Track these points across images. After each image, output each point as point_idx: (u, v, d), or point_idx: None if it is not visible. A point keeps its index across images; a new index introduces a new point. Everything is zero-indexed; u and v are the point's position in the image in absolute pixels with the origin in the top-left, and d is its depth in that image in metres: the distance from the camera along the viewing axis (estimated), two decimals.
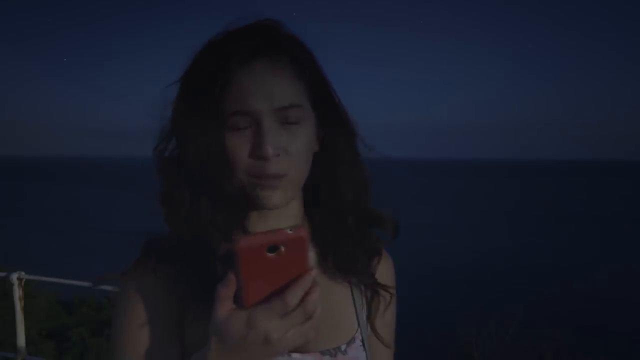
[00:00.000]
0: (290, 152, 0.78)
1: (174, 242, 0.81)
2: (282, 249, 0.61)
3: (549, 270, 27.58)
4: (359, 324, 0.90)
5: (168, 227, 0.82)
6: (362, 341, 0.89)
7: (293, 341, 0.64)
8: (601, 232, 40.32)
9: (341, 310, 0.89)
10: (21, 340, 3.36)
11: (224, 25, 0.82)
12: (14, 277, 3.26)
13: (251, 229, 0.84)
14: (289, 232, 0.60)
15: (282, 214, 0.86)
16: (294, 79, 0.80)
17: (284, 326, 0.62)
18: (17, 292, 3.28)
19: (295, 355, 0.83)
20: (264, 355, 0.64)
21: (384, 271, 0.96)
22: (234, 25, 0.81)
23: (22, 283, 3.31)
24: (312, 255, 0.86)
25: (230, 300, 0.63)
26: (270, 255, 0.61)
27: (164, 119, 0.84)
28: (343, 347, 0.86)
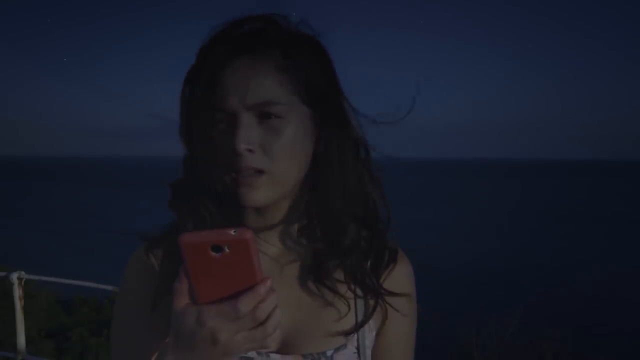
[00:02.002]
0: (268, 149, 0.77)
1: (171, 230, 0.85)
2: (226, 249, 0.60)
3: (549, 270, 27.59)
4: (357, 332, 0.87)
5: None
6: (357, 349, 0.87)
7: (241, 345, 0.65)
8: (601, 232, 40.33)
9: (336, 317, 0.86)
10: (21, 340, 3.37)
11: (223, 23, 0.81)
12: (14, 276, 3.26)
13: (250, 226, 0.85)
14: (232, 233, 0.60)
15: (277, 213, 0.85)
16: (278, 75, 0.78)
17: (232, 329, 0.63)
18: (17, 292, 3.29)
19: (274, 355, 0.83)
20: (213, 355, 0.65)
21: (398, 279, 0.91)
22: (230, 19, 0.81)
23: (22, 283, 3.31)
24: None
25: (185, 295, 0.65)
26: (215, 254, 0.60)
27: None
28: (329, 353, 0.84)
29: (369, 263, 0.89)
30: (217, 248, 0.60)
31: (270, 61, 0.78)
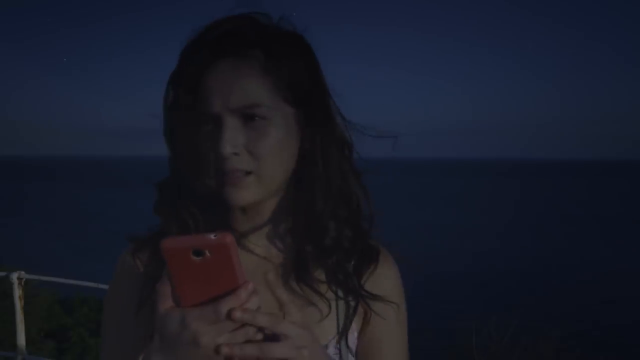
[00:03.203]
0: (254, 150, 0.78)
1: (159, 232, 0.85)
2: (207, 253, 0.61)
3: (549, 270, 27.59)
4: (338, 332, 0.86)
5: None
6: (339, 350, 0.86)
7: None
8: (601, 232, 40.31)
9: (317, 318, 0.86)
10: (21, 339, 3.37)
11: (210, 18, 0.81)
12: (14, 276, 3.26)
13: (236, 227, 0.86)
14: (212, 237, 0.61)
15: (262, 213, 0.86)
16: (261, 76, 0.78)
17: (214, 331, 0.64)
18: (17, 292, 3.29)
19: None
20: (195, 357, 0.65)
21: (381, 279, 0.91)
22: (211, 20, 0.81)
23: (22, 283, 3.31)
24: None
25: (169, 298, 0.66)
26: (196, 258, 0.61)
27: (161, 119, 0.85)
28: None
29: (352, 263, 0.88)
30: (199, 252, 0.61)
31: (253, 62, 0.78)
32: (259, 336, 0.67)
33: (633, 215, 48.82)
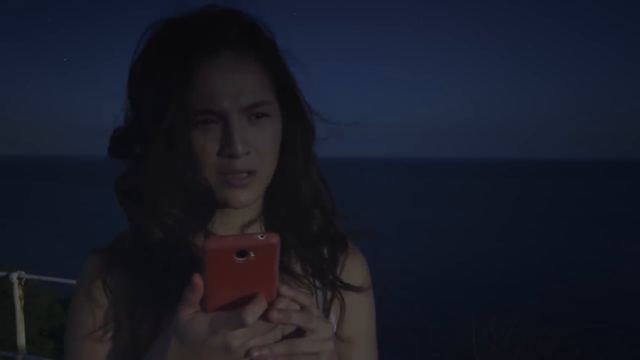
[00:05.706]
0: (260, 148, 0.77)
1: (133, 239, 0.81)
2: (252, 254, 0.59)
3: (549, 270, 27.56)
4: None
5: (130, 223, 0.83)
6: None
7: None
8: (601, 232, 40.29)
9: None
10: (21, 339, 3.37)
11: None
12: (14, 276, 3.26)
13: (213, 227, 0.83)
14: (260, 238, 0.59)
15: (244, 211, 0.84)
16: (260, 73, 0.78)
17: (245, 335, 0.62)
18: (17, 292, 3.29)
19: None
20: None
21: (352, 269, 0.92)
22: (193, 9, 0.79)
23: (22, 282, 3.31)
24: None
25: (194, 305, 0.63)
26: (239, 259, 0.59)
27: None
28: None
29: (325, 252, 0.89)
30: (242, 253, 0.60)
31: (251, 58, 0.78)
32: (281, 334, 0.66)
33: (633, 215, 48.79)
